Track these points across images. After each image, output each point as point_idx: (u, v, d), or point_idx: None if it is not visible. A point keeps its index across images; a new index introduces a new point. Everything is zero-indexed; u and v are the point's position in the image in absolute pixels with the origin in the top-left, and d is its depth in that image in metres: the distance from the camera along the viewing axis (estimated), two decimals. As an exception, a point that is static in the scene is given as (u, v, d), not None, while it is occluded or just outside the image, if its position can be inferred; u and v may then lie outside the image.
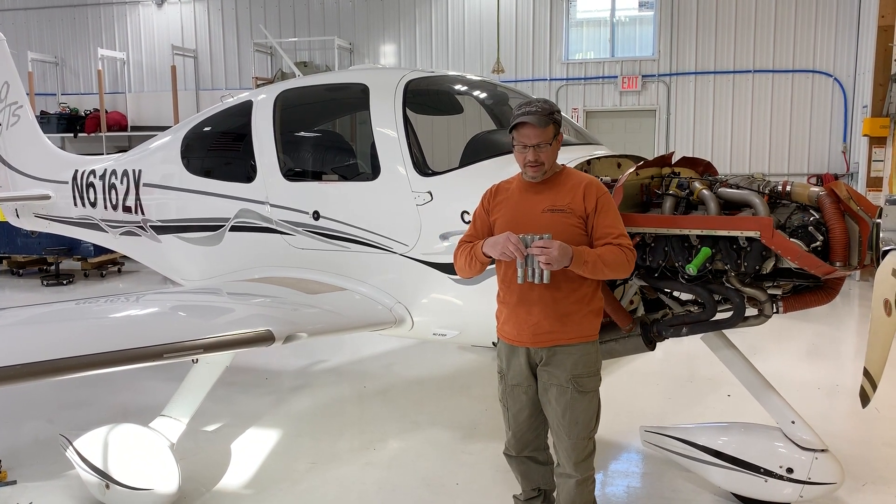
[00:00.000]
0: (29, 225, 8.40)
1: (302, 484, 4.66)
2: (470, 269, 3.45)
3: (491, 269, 3.50)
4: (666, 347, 5.03)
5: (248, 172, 5.59)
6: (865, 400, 3.27)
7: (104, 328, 4.33)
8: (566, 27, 14.41)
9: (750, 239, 3.62)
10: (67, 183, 7.53)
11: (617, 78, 14.04)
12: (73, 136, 16.09)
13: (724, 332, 4.19)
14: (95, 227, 7.26)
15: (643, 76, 13.93)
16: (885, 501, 4.36)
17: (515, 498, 3.89)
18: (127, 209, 6.73)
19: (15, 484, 4.62)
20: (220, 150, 6.40)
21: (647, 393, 6.43)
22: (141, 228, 6.62)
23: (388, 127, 4.92)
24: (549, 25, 14.36)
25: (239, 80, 16.15)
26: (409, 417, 5.80)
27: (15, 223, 8.62)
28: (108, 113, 16.08)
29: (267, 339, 4.02)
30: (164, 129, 7.71)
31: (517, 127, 3.33)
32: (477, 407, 5.99)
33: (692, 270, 3.66)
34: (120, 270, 13.54)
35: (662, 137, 13.95)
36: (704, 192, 3.79)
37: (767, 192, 3.72)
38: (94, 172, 7.19)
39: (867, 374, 3.25)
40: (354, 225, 4.99)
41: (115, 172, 6.87)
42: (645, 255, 3.91)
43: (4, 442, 5.33)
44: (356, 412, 6.10)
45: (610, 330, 4.07)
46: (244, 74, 16.01)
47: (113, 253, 12.33)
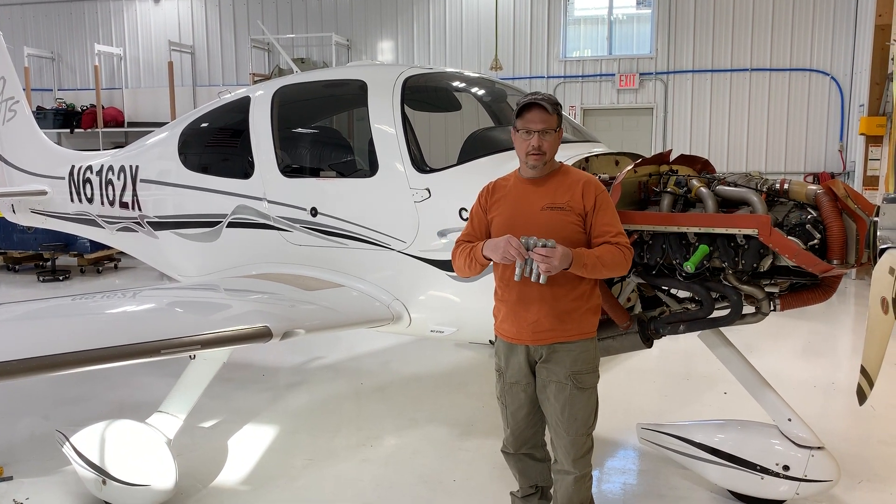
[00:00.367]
0: (25, 221, 8.39)
1: (299, 480, 4.66)
2: (470, 270, 3.45)
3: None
4: (663, 345, 5.04)
5: (245, 168, 5.59)
6: (862, 397, 3.27)
7: (101, 324, 4.33)
8: (564, 24, 14.40)
9: (748, 237, 3.62)
10: (64, 179, 7.51)
11: (614, 76, 14.04)
12: (69, 131, 16.03)
13: (721, 329, 4.20)
14: (92, 222, 7.25)
15: (641, 74, 13.93)
16: (880, 499, 4.37)
17: (513, 495, 3.90)
18: (124, 205, 6.71)
19: (11, 480, 4.62)
20: (217, 146, 6.38)
21: (643, 390, 6.44)
22: (138, 224, 6.60)
23: (386, 123, 4.91)
24: (546, 23, 14.35)
25: (236, 76, 16.11)
26: (406, 414, 5.80)
27: (11, 219, 8.60)
28: (104, 109, 16.03)
29: (264, 335, 4.02)
30: (160, 125, 7.71)
31: (523, 112, 3.35)
32: (474, 404, 5.99)
33: (690, 268, 3.66)
34: (116, 267, 13.51)
35: (660, 135, 13.95)
36: (702, 189, 3.79)
37: (765, 190, 3.72)
38: (90, 168, 7.17)
39: (864, 371, 3.25)
40: (352, 221, 4.99)
41: (111, 168, 6.86)
42: (643, 252, 3.91)
43: (1, 438, 5.33)
44: (353, 409, 6.10)
45: (607, 327, 4.06)
46: (241, 71, 15.98)
47: (109, 249, 12.32)
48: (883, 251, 3.32)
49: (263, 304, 4.66)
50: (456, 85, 6.08)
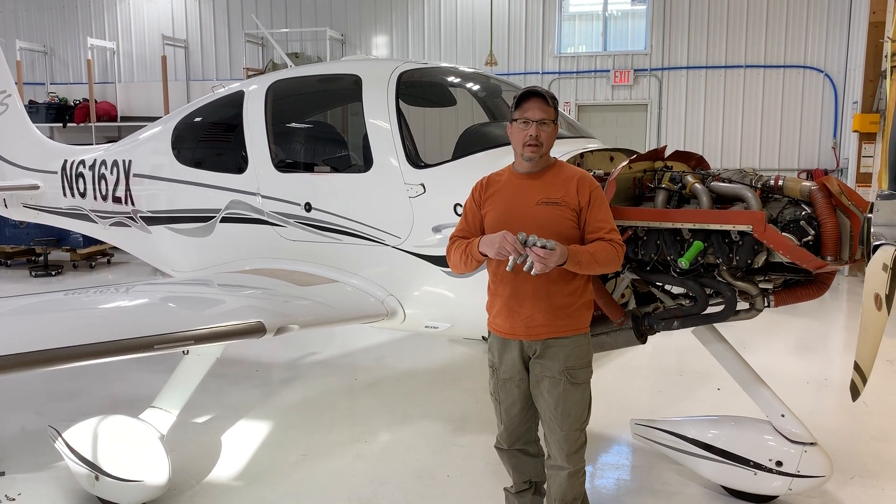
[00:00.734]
0: (17, 215, 8.34)
1: (292, 476, 4.66)
2: (465, 266, 3.44)
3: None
4: (656, 341, 5.05)
5: (239, 163, 5.57)
6: (856, 393, 3.29)
7: (94, 319, 4.30)
8: (559, 20, 14.39)
9: (742, 233, 3.63)
10: (56, 173, 7.47)
11: (609, 72, 14.05)
12: (62, 125, 15.97)
13: (715, 325, 4.20)
14: (85, 217, 7.21)
15: (635, 70, 13.93)
16: (872, 494, 4.39)
17: (506, 490, 3.90)
18: (117, 200, 6.69)
19: (3, 475, 4.60)
20: (210, 140, 6.36)
21: (637, 386, 6.45)
22: (131, 219, 6.58)
23: (380, 118, 4.90)
24: (541, 18, 14.34)
25: (230, 70, 16.06)
26: (399, 410, 5.80)
27: (3, 213, 8.54)
28: (97, 103, 15.97)
29: (258, 330, 4.00)
30: (154, 119, 7.66)
31: (521, 102, 3.36)
32: (468, 400, 5.99)
33: (684, 264, 3.66)
34: (109, 261, 13.47)
35: (654, 132, 13.97)
36: (697, 185, 3.79)
37: (760, 186, 3.73)
38: (83, 163, 7.14)
39: (857, 368, 3.26)
40: (346, 217, 4.97)
41: (104, 163, 6.83)
42: (637, 248, 3.91)
43: (-8, 433, 5.31)
44: (347, 405, 6.09)
45: (601, 323, 4.07)
46: (235, 65, 15.93)
47: (102, 244, 12.27)
48: (876, 248, 3.34)
49: (257, 299, 4.64)
50: (451, 80, 6.06)
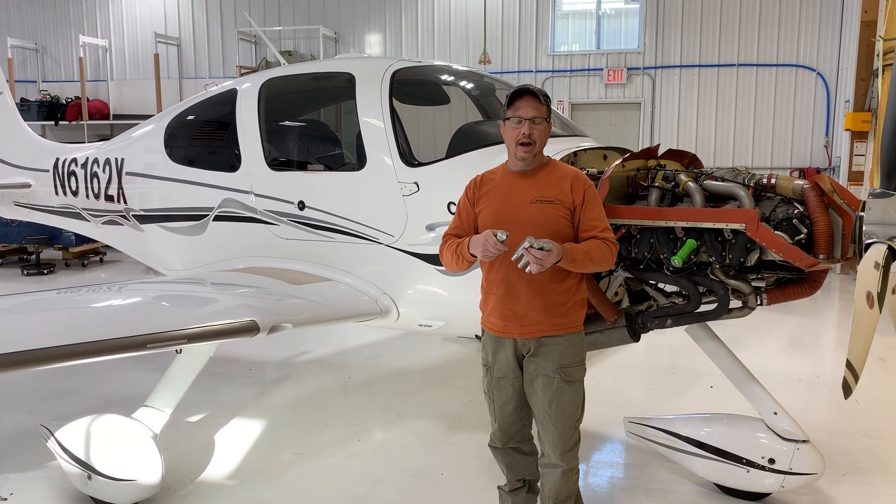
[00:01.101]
0: (9, 214, 8.31)
1: (286, 475, 4.65)
2: (457, 265, 3.45)
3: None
4: (650, 339, 5.06)
5: (232, 162, 5.55)
6: (848, 391, 3.30)
7: (86, 318, 4.29)
8: (552, 19, 14.39)
9: (735, 231, 3.63)
10: (48, 171, 7.44)
11: (602, 70, 14.06)
12: (53, 123, 15.89)
13: (708, 323, 4.21)
14: (77, 216, 7.19)
15: (628, 69, 13.95)
16: (864, 492, 4.41)
17: (500, 489, 3.90)
18: (109, 198, 6.66)
19: (-5, 475, 4.59)
20: (203, 138, 6.34)
21: (630, 384, 6.47)
22: (123, 218, 6.55)
23: (374, 117, 4.89)
24: (535, 17, 14.35)
25: (223, 68, 16.01)
26: (393, 409, 5.80)
27: (-5, 212, 8.51)
28: (89, 101, 15.90)
29: (251, 329, 4.00)
30: (146, 117, 7.64)
31: (514, 100, 3.36)
32: (462, 398, 6.00)
33: (677, 262, 3.67)
34: (102, 260, 13.42)
35: (647, 130, 13.99)
36: (690, 184, 3.80)
37: (752, 184, 3.74)
38: (75, 161, 7.11)
39: (850, 365, 3.27)
40: (340, 215, 4.97)
41: (97, 161, 6.80)
42: (630, 246, 3.91)
43: (-16, 433, 5.29)
44: (340, 403, 6.09)
45: (595, 321, 4.07)
46: (228, 63, 15.88)
47: (95, 242, 12.21)
48: (868, 246, 3.35)
49: (250, 297, 4.63)
50: (444, 78, 6.06)
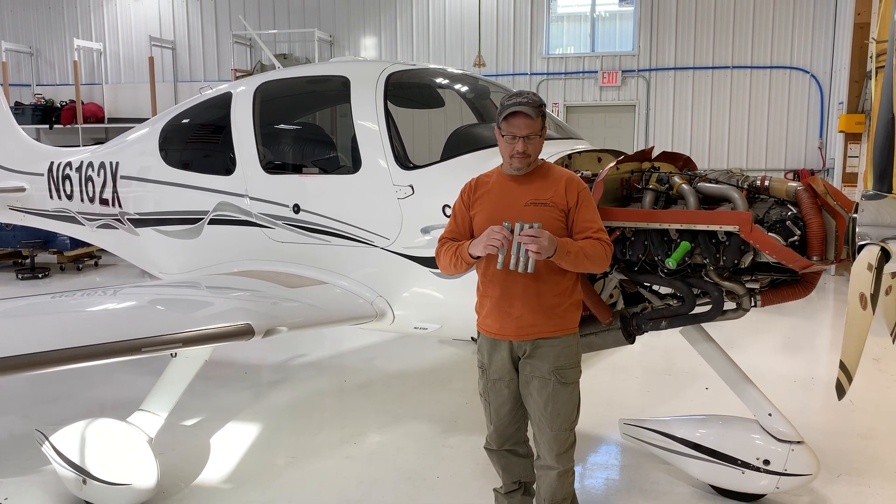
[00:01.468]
0: (3, 217, 8.27)
1: (281, 478, 4.64)
2: (455, 268, 3.45)
3: (473, 262, 3.50)
4: (645, 341, 5.07)
5: (227, 165, 5.55)
6: (841, 392, 3.31)
7: (81, 322, 4.27)
8: (547, 22, 14.43)
9: (729, 233, 3.65)
10: (43, 175, 7.42)
11: (597, 73, 14.09)
12: (48, 127, 15.85)
13: (702, 325, 4.23)
14: (72, 219, 7.17)
15: (623, 71, 13.99)
16: (859, 492, 4.43)
17: (496, 491, 3.90)
18: (104, 202, 6.65)
19: (-10, 480, 4.57)
20: (198, 142, 6.34)
21: (626, 386, 6.47)
22: (118, 221, 6.55)
23: (369, 120, 4.89)
24: (529, 20, 14.37)
25: (218, 71, 15.99)
26: (389, 411, 5.80)
27: (-11, 216, 8.48)
28: (84, 104, 15.86)
29: (246, 332, 3.99)
30: (141, 121, 7.63)
31: (508, 117, 3.32)
32: (457, 400, 6.00)
33: (671, 264, 3.68)
34: (97, 264, 13.39)
35: (642, 132, 14.03)
36: (684, 186, 3.82)
37: (746, 187, 3.76)
38: (70, 164, 7.10)
39: (843, 367, 3.29)
40: (335, 218, 4.97)
41: (91, 165, 6.79)
42: (625, 249, 3.93)
43: (-21, 437, 5.27)
44: (336, 406, 6.08)
45: (590, 323, 4.09)
46: (223, 66, 15.87)
47: (90, 246, 12.18)
48: (861, 247, 3.37)
49: (245, 301, 4.62)
50: (439, 81, 6.06)
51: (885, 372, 6.75)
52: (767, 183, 3.72)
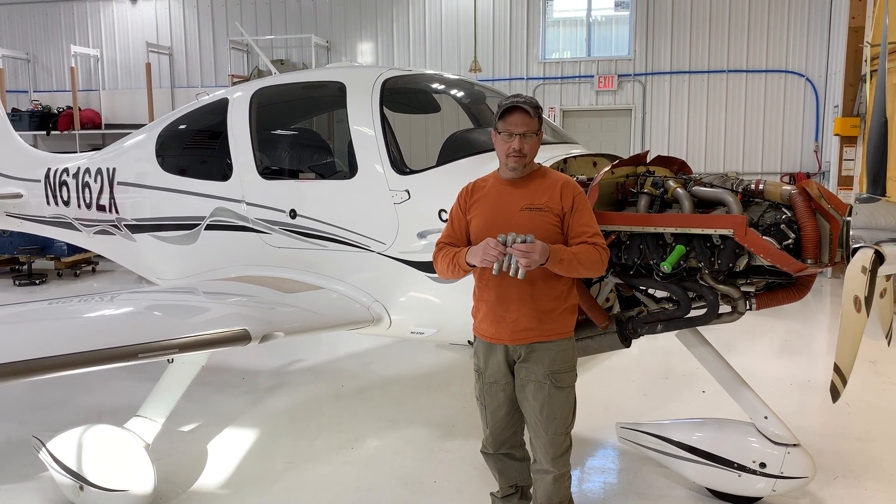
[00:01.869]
0: (1, 224, 8.28)
1: (279, 484, 4.64)
2: (452, 274, 3.47)
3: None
4: (642, 344, 5.08)
5: (223, 171, 5.56)
6: (836, 395, 3.33)
7: (78, 328, 4.28)
8: (543, 26, 14.46)
9: (723, 237, 3.66)
10: (40, 181, 7.42)
11: (593, 77, 14.12)
12: (45, 133, 15.84)
13: (698, 328, 4.24)
14: (69, 225, 7.17)
15: (619, 76, 14.02)
16: (855, 495, 4.43)
17: (493, 495, 3.91)
18: (101, 208, 6.65)
19: (-14, 486, 4.57)
20: (195, 148, 6.34)
21: (622, 389, 6.48)
22: (115, 227, 6.55)
23: (365, 125, 4.91)
24: (525, 24, 14.41)
25: (215, 77, 16.00)
26: (386, 416, 5.80)
27: (-14, 222, 8.48)
28: (81, 110, 15.85)
29: (243, 338, 3.99)
30: (138, 126, 7.64)
31: (505, 114, 3.37)
32: (454, 405, 6.00)
33: (667, 268, 3.69)
34: (94, 270, 13.38)
35: (638, 136, 14.05)
36: (679, 190, 3.83)
37: (741, 190, 3.77)
38: (67, 171, 7.10)
39: (837, 369, 3.30)
40: (331, 223, 4.98)
41: (88, 171, 6.79)
42: (620, 252, 3.94)
43: (-25, 444, 5.26)
44: (333, 411, 6.08)
45: (586, 327, 4.09)
46: (220, 72, 15.88)
47: (87, 252, 12.18)
48: (856, 250, 3.38)
49: (242, 306, 4.63)
50: (435, 87, 6.08)
51: (881, 374, 6.76)
52: (762, 186, 3.74)
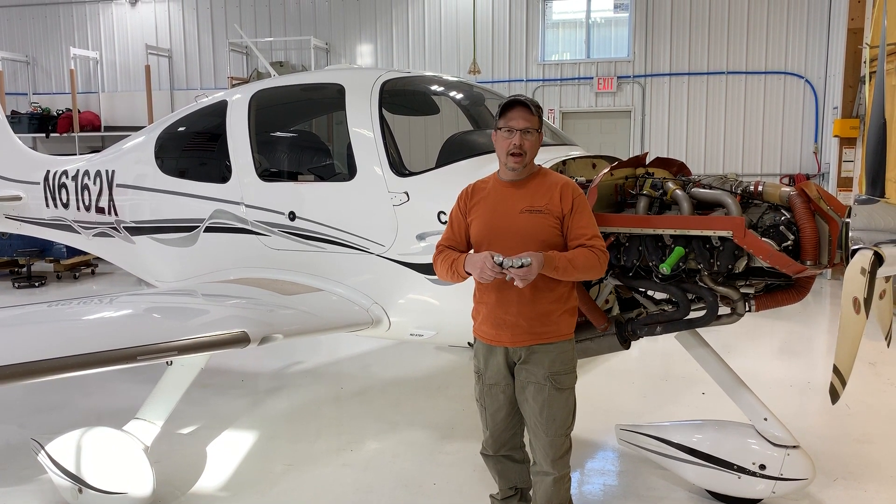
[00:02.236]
0: (0, 227, 8.28)
1: (278, 486, 4.64)
2: (451, 278, 3.49)
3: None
4: (642, 346, 5.08)
5: (222, 173, 5.56)
6: (835, 396, 3.33)
7: (77, 330, 4.27)
8: (542, 28, 14.46)
9: (722, 238, 3.66)
10: (39, 184, 7.43)
11: (592, 79, 14.12)
12: (45, 136, 15.83)
13: (697, 330, 4.23)
14: (68, 228, 7.17)
15: (618, 77, 14.02)
16: (855, 496, 4.43)
17: (492, 497, 3.91)
18: (100, 210, 6.65)
19: (-15, 489, 4.56)
20: (194, 150, 6.35)
21: (622, 391, 6.47)
22: (114, 230, 6.55)
23: (364, 127, 4.91)
24: (525, 26, 14.41)
25: (214, 79, 16.01)
26: (386, 418, 5.80)
27: (-15, 225, 8.48)
28: (80, 113, 15.86)
29: (242, 340, 3.99)
30: (137, 129, 7.64)
31: (506, 111, 3.39)
32: (454, 407, 6.00)
33: (666, 270, 3.69)
34: (93, 272, 13.37)
35: (637, 138, 14.05)
36: (678, 192, 3.83)
37: (740, 192, 3.77)
38: (66, 173, 7.10)
39: (837, 371, 3.30)
40: (331, 225, 4.98)
41: (87, 173, 6.79)
42: (619, 254, 3.94)
43: (-26, 447, 5.25)
44: (333, 413, 6.08)
45: (585, 329, 4.09)
46: (219, 74, 15.88)
47: (86, 254, 12.19)
48: (855, 252, 3.38)
49: (241, 309, 4.63)
50: (434, 88, 6.08)
51: (880, 376, 6.76)
52: (761, 188, 3.74)
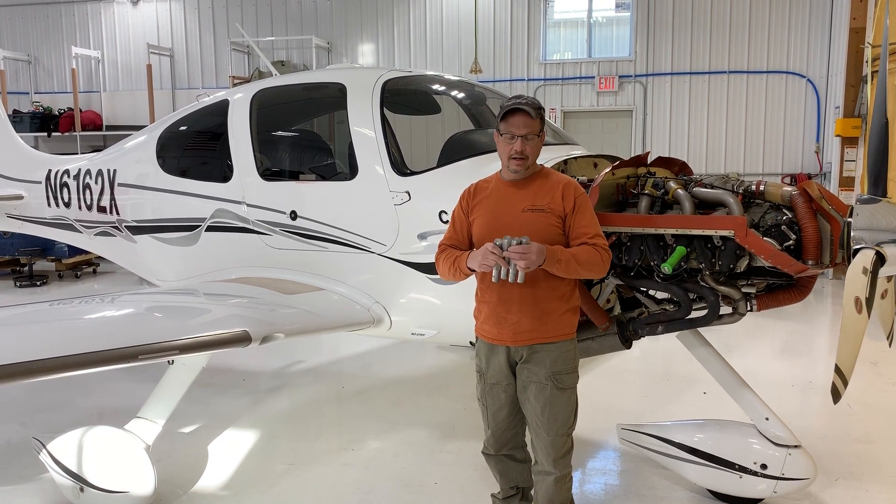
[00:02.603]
0: (1, 226, 8.27)
1: (279, 485, 4.64)
2: (454, 277, 3.49)
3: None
4: (643, 345, 5.07)
5: (224, 172, 5.56)
6: (837, 396, 3.32)
7: (78, 329, 4.27)
8: (544, 27, 14.46)
9: (724, 238, 3.66)
10: (41, 183, 7.43)
11: (594, 78, 14.12)
12: (46, 135, 15.85)
13: (699, 330, 4.23)
14: (69, 227, 7.17)
15: (620, 77, 14.01)
16: (856, 496, 4.43)
17: (494, 497, 3.91)
18: (101, 209, 6.66)
19: (-13, 488, 4.57)
20: (196, 149, 6.35)
21: (624, 391, 6.47)
22: (116, 229, 6.55)
23: (365, 126, 4.91)
24: (526, 26, 14.41)
25: (216, 79, 16.02)
26: (387, 418, 5.80)
27: (-13, 224, 8.48)
28: (82, 112, 15.87)
29: (243, 339, 3.99)
30: (139, 128, 7.64)
31: (507, 116, 3.37)
32: (455, 406, 6.00)
33: (667, 269, 3.68)
34: (95, 271, 13.39)
35: (639, 137, 14.04)
36: (679, 191, 3.82)
37: (741, 191, 3.77)
38: (67, 172, 7.10)
39: (838, 370, 3.30)
40: (332, 225, 4.98)
41: (89, 172, 6.80)
42: (621, 254, 3.94)
43: (-24, 446, 5.26)
44: (334, 413, 6.08)
45: (587, 329, 4.09)
46: (221, 73, 15.89)
47: (88, 254, 12.20)
48: (856, 251, 3.37)
49: (243, 308, 4.63)
50: (435, 88, 6.08)
51: (882, 375, 6.75)
52: (763, 187, 3.73)
